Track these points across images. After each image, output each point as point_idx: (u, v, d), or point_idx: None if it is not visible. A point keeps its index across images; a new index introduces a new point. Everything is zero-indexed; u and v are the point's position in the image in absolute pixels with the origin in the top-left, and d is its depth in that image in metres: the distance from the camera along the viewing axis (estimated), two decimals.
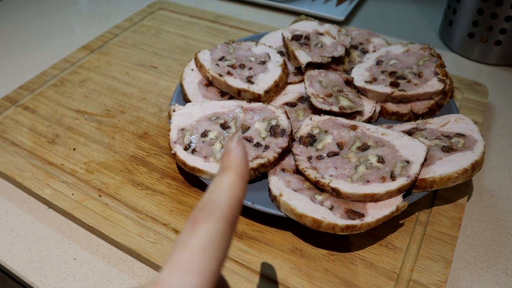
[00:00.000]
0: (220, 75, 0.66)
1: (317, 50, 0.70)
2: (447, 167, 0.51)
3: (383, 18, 1.03)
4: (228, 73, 0.66)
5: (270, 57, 0.70)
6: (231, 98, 0.66)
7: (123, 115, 0.71)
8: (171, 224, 0.54)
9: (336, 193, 0.49)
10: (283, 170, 0.54)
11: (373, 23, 1.01)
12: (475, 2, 0.80)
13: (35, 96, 0.76)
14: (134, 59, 0.85)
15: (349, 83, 0.66)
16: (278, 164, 0.55)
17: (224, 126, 0.58)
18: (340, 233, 0.47)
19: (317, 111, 0.61)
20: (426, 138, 0.56)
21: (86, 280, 0.51)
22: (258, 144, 0.55)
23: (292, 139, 0.56)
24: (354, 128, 0.56)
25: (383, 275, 0.48)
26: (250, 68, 0.68)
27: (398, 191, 0.49)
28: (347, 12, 0.99)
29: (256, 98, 0.64)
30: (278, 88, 0.66)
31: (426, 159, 0.52)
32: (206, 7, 1.06)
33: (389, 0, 1.10)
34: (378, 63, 0.68)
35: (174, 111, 0.60)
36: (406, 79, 0.64)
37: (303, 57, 0.68)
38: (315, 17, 0.98)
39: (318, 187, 0.51)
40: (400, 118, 0.64)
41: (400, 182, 0.49)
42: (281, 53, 0.73)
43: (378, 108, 0.64)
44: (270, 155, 0.53)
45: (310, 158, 0.54)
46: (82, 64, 0.84)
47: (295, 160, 0.54)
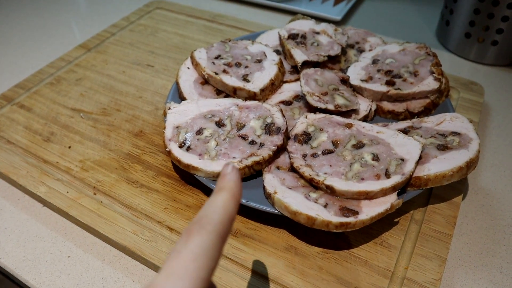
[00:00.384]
0: (216, 73, 0.66)
1: (313, 49, 0.70)
2: (442, 165, 0.51)
3: (380, 18, 1.03)
4: (224, 71, 0.66)
5: (266, 55, 0.70)
6: (227, 96, 0.66)
7: (119, 114, 0.71)
8: (165, 222, 0.54)
9: (330, 190, 0.49)
10: (278, 168, 0.54)
11: (370, 23, 1.01)
12: (471, 2, 0.80)
13: (31, 94, 0.76)
14: (130, 57, 0.85)
15: (345, 81, 0.66)
16: (273, 162, 0.55)
17: (219, 124, 0.58)
18: (334, 230, 0.47)
19: (312, 109, 0.61)
20: (422, 136, 0.56)
21: (80, 278, 0.50)
22: (253, 142, 0.55)
23: (287, 137, 0.56)
24: (349, 126, 0.56)
25: (378, 273, 0.48)
26: (246, 67, 0.68)
27: (393, 189, 0.49)
28: (344, 12, 0.99)
29: (251, 97, 0.64)
30: (273, 86, 0.65)
31: (421, 157, 0.52)
32: (203, 7, 1.06)
33: (386, 0, 1.11)
34: (374, 62, 0.68)
35: (170, 109, 0.60)
36: (402, 78, 0.64)
37: (299, 55, 0.68)
38: (313, 16, 0.98)
39: (313, 184, 0.51)
40: (395, 116, 0.64)
41: (395, 179, 0.49)
42: (277, 51, 0.73)
43: (374, 107, 0.64)
44: (265, 153, 0.53)
45: (305, 156, 0.54)
46: (79, 62, 0.84)
47: (290, 158, 0.54)
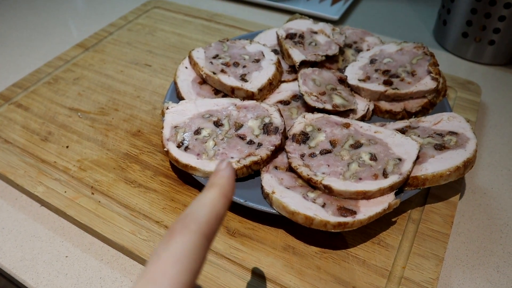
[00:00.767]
0: (214, 73, 0.66)
1: (311, 49, 0.70)
2: (439, 165, 0.51)
3: (377, 17, 1.03)
4: (222, 71, 0.66)
5: (264, 55, 0.70)
6: (225, 96, 0.66)
7: (117, 113, 0.71)
8: (163, 222, 0.54)
9: (328, 190, 0.49)
10: (276, 168, 0.54)
11: (367, 22, 1.01)
12: (468, 1, 0.80)
13: (29, 93, 0.76)
14: (128, 57, 0.85)
15: (342, 81, 0.66)
16: (271, 162, 0.55)
17: (217, 124, 0.58)
18: (332, 230, 0.47)
19: (310, 109, 0.61)
20: (419, 136, 0.56)
21: (78, 278, 0.50)
22: (251, 141, 0.55)
23: (285, 136, 0.56)
24: (347, 126, 0.56)
25: (375, 273, 0.48)
26: (244, 66, 0.68)
27: (390, 189, 0.49)
28: (342, 12, 1.00)
29: (249, 96, 0.64)
30: (271, 86, 0.66)
31: (418, 157, 0.52)
32: (201, 6, 1.06)
33: (384, 0, 1.11)
34: (372, 61, 0.68)
35: (168, 108, 0.60)
36: (400, 77, 0.65)
37: (297, 55, 0.68)
38: (310, 16, 0.98)
39: (311, 184, 0.51)
40: (393, 116, 0.64)
41: (392, 179, 0.49)
42: (275, 51, 0.73)
43: (372, 107, 0.64)
44: (263, 152, 0.53)
45: (303, 156, 0.54)
46: (76, 62, 0.84)
47: (288, 158, 0.54)
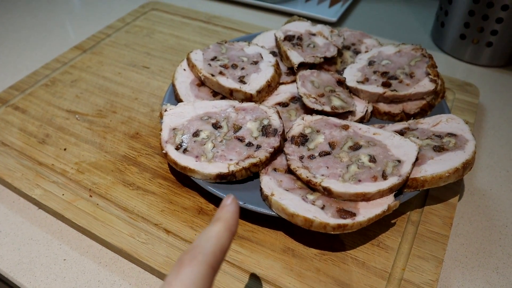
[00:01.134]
0: (212, 75, 0.65)
1: (309, 51, 0.70)
2: (438, 166, 0.51)
3: (375, 19, 1.04)
4: (220, 73, 0.66)
5: (262, 57, 0.69)
6: (223, 98, 0.66)
7: (115, 115, 0.71)
8: (162, 224, 0.54)
9: (327, 192, 0.49)
10: (275, 170, 0.54)
11: (365, 24, 1.02)
12: (466, 4, 0.80)
13: (26, 96, 0.75)
14: (126, 59, 0.85)
15: (341, 83, 0.66)
16: (270, 164, 0.55)
17: (216, 126, 0.57)
18: (332, 232, 0.47)
19: (309, 111, 0.61)
20: (418, 137, 0.56)
21: (76, 281, 0.50)
22: (250, 143, 0.55)
23: (284, 138, 0.56)
24: (346, 127, 0.56)
25: (375, 275, 0.48)
26: (243, 68, 0.67)
27: (390, 190, 0.49)
28: (340, 13, 1.00)
29: (248, 98, 0.63)
30: (270, 88, 0.65)
31: (417, 159, 0.52)
32: (199, 8, 1.06)
33: (381, 2, 1.11)
34: (370, 63, 0.68)
35: (166, 110, 0.60)
36: (398, 79, 0.65)
37: (296, 57, 0.68)
38: (308, 18, 0.98)
39: (310, 186, 0.51)
40: (392, 118, 0.64)
41: (392, 181, 0.49)
42: (273, 53, 0.73)
43: (370, 108, 0.64)
44: (262, 154, 0.53)
45: (301, 158, 0.54)
46: (74, 64, 0.83)
47: (287, 160, 0.54)
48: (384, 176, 0.50)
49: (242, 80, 0.65)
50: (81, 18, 1.05)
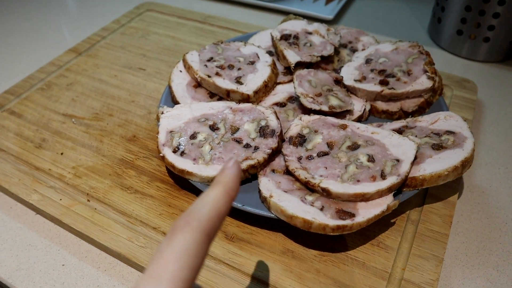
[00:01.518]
0: (209, 76, 0.65)
1: (306, 50, 0.70)
2: (437, 165, 0.51)
3: (372, 16, 1.03)
4: (217, 74, 0.66)
5: (259, 57, 0.69)
6: (220, 99, 0.65)
7: (111, 118, 0.71)
8: (160, 228, 0.54)
9: (326, 193, 0.49)
10: (273, 171, 0.54)
11: (362, 21, 1.01)
12: None
13: (22, 100, 0.75)
14: (122, 61, 0.84)
15: (338, 82, 0.65)
16: (268, 165, 0.54)
17: (213, 128, 0.57)
18: (331, 233, 0.46)
19: (306, 111, 0.60)
20: (416, 136, 0.56)
21: (75, 286, 0.50)
22: (248, 145, 0.55)
23: (282, 139, 0.56)
24: (344, 127, 0.56)
25: (375, 275, 0.48)
26: (239, 69, 0.67)
27: (389, 190, 0.49)
28: (336, 11, 0.99)
29: (245, 99, 0.63)
30: (267, 88, 0.65)
31: (416, 157, 0.52)
32: (194, 8, 1.06)
33: None
34: (367, 61, 0.68)
35: (163, 113, 0.60)
36: (396, 77, 0.64)
37: (292, 56, 0.67)
38: (304, 16, 0.97)
39: (309, 187, 0.51)
40: (390, 116, 0.64)
41: (391, 181, 0.49)
42: (270, 53, 0.72)
43: (368, 107, 0.64)
44: (260, 156, 0.53)
45: (300, 159, 0.53)
46: (70, 67, 0.83)
47: (285, 161, 0.53)
48: (383, 176, 0.49)
49: (238, 80, 0.65)
50: (75, 21, 1.05)
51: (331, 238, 0.52)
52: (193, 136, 0.56)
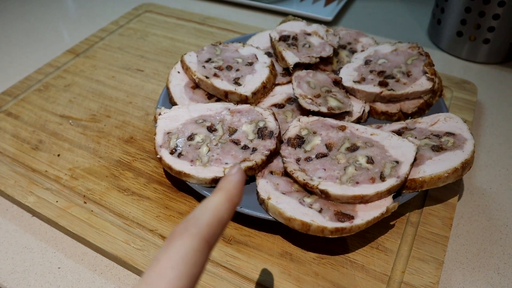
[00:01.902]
0: (207, 77, 0.65)
1: (305, 51, 0.69)
2: (437, 166, 0.50)
3: (371, 18, 1.03)
4: (215, 75, 0.65)
5: (257, 58, 0.69)
6: (218, 100, 0.65)
7: (109, 120, 0.70)
8: (158, 230, 0.53)
9: (325, 195, 0.48)
10: (271, 173, 0.53)
11: (361, 23, 1.01)
12: (462, 0, 0.79)
13: (19, 101, 0.74)
14: (120, 62, 0.84)
15: (337, 83, 0.65)
16: (266, 167, 0.54)
17: (211, 129, 0.57)
18: (330, 236, 0.46)
19: (305, 112, 0.60)
20: (416, 137, 0.55)
21: None
22: (246, 146, 0.54)
23: (280, 141, 0.55)
24: (343, 128, 0.55)
25: (375, 278, 0.48)
26: (237, 70, 0.67)
27: (388, 192, 0.48)
28: (335, 12, 0.99)
29: (243, 100, 0.63)
30: (265, 89, 0.65)
31: (416, 159, 0.51)
32: (193, 9, 1.05)
33: (377, 0, 1.10)
34: (367, 62, 0.67)
35: (160, 114, 0.59)
36: (395, 78, 0.64)
37: (291, 57, 0.67)
38: (303, 17, 0.97)
39: (307, 189, 0.50)
40: (389, 117, 0.63)
41: (390, 182, 0.48)
42: (268, 54, 0.72)
43: (367, 108, 0.63)
44: (258, 157, 0.52)
45: (298, 160, 0.53)
46: (67, 68, 0.82)
47: (284, 162, 0.53)
48: (382, 178, 0.49)
49: (237, 81, 0.65)
50: (73, 22, 1.04)
51: (330, 241, 0.51)
52: (190, 138, 0.56)
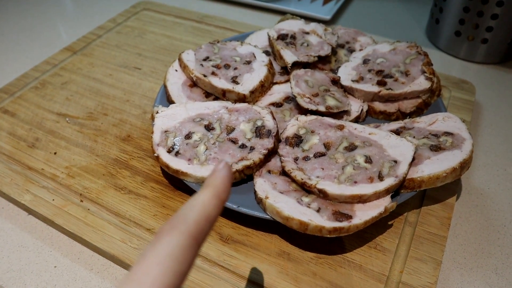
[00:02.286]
0: (205, 76, 0.64)
1: (303, 50, 0.69)
2: (435, 166, 0.50)
3: (370, 17, 1.03)
4: (213, 73, 0.65)
5: (255, 56, 0.68)
6: (216, 99, 0.65)
7: (106, 118, 0.70)
8: (155, 229, 0.53)
9: (323, 194, 0.48)
10: (269, 172, 0.53)
11: (360, 22, 1.01)
12: (461, 0, 0.79)
13: (15, 99, 0.74)
14: (117, 60, 0.83)
15: (335, 82, 0.65)
16: (264, 166, 0.54)
17: (209, 128, 0.56)
18: (328, 235, 0.46)
19: (303, 111, 0.60)
20: (414, 137, 0.55)
21: None
22: (243, 145, 0.54)
23: (278, 140, 0.55)
24: (341, 128, 0.55)
25: (372, 278, 0.47)
26: (235, 68, 0.66)
27: (386, 192, 0.48)
28: (333, 11, 0.99)
29: (241, 99, 0.62)
30: (263, 88, 0.64)
31: (414, 159, 0.51)
32: (191, 7, 1.05)
33: None
34: (365, 62, 0.67)
35: (158, 112, 0.59)
36: (393, 77, 0.64)
37: (289, 56, 0.67)
38: (302, 16, 0.97)
39: (305, 188, 0.50)
40: (387, 117, 0.63)
41: (388, 182, 0.48)
42: (266, 52, 0.72)
43: (365, 108, 0.63)
44: (256, 156, 0.52)
45: (296, 159, 0.52)
46: (64, 66, 0.82)
47: (281, 162, 0.53)
48: (381, 177, 0.49)
49: (235, 80, 0.64)
50: (71, 19, 1.04)
51: (327, 240, 0.51)
52: (188, 136, 0.56)
